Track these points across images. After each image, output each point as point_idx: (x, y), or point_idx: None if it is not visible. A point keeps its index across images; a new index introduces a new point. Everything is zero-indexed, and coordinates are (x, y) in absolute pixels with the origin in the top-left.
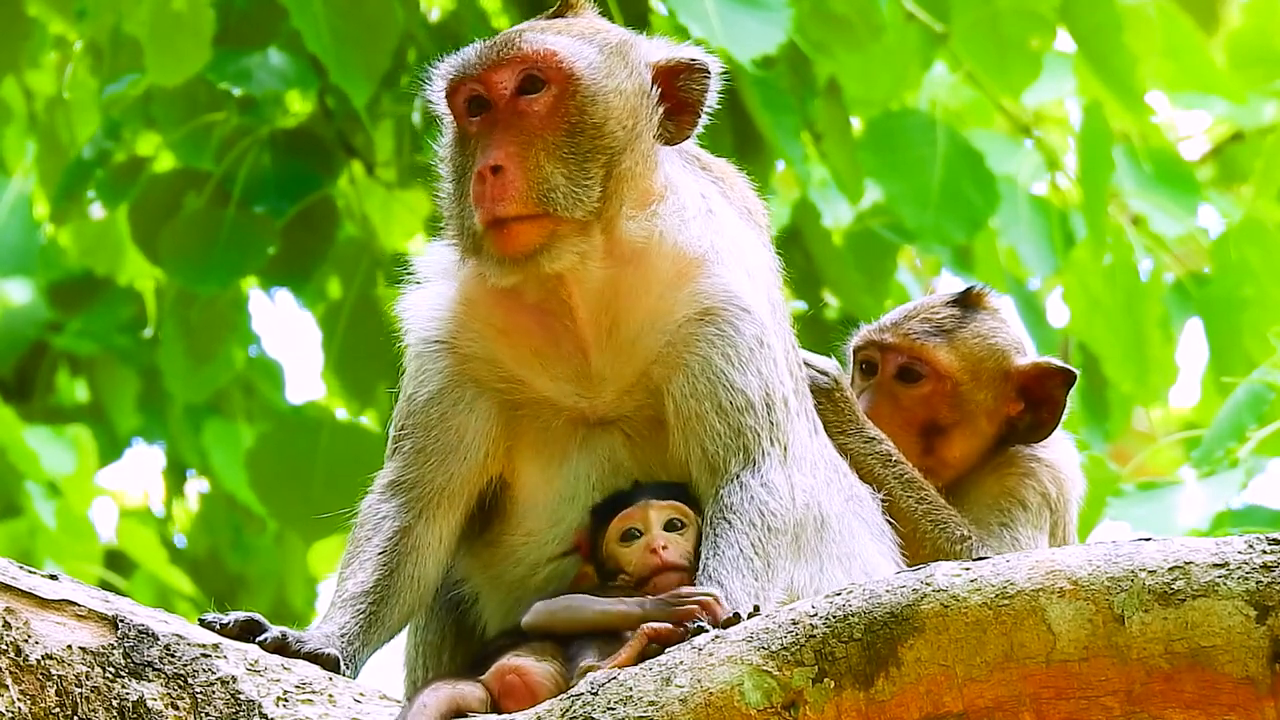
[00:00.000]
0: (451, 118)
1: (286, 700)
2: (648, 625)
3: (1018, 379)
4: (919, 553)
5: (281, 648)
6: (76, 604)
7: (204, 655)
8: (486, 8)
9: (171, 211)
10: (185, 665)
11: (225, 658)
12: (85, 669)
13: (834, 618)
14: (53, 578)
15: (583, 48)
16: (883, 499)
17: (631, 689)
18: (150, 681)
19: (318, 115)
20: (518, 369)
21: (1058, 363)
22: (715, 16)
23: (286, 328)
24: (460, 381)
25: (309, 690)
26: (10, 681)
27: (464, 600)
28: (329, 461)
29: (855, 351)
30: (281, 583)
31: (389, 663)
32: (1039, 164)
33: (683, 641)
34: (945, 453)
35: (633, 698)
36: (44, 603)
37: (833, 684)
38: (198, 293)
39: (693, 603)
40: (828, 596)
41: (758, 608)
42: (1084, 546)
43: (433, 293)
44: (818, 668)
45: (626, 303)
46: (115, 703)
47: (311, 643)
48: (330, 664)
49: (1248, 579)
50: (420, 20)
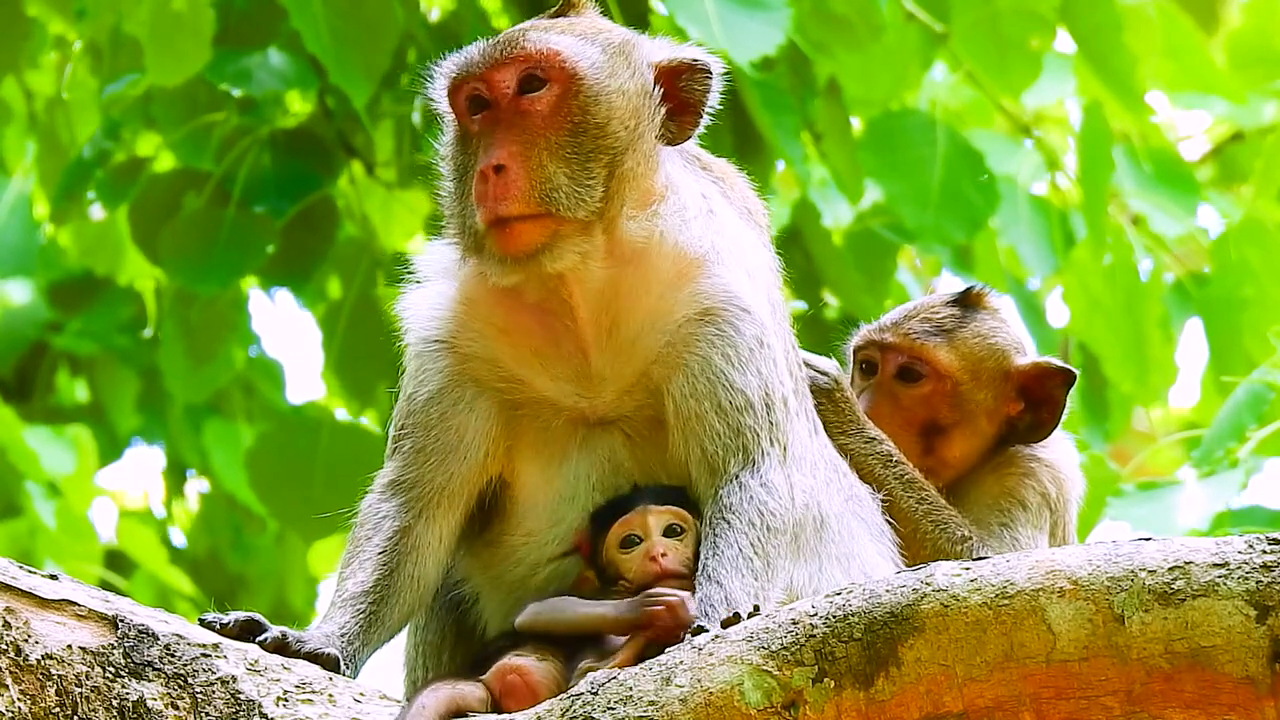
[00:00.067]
0: (453, 116)
1: (286, 700)
2: (641, 633)
3: (1018, 379)
4: (919, 553)
5: (281, 647)
6: (76, 604)
7: (204, 655)
8: (486, 8)
9: (171, 211)
10: (185, 665)
11: (225, 657)
12: (85, 669)
13: (834, 617)
14: (53, 578)
15: (586, 47)
16: (883, 499)
17: (631, 689)
18: (150, 681)
19: (318, 115)
20: (518, 369)
21: (1057, 362)
22: (715, 18)
23: (286, 328)
24: (460, 381)
25: (309, 690)
26: (10, 681)
27: (464, 600)
28: (329, 461)
29: (855, 351)
30: (281, 583)
31: (389, 663)
32: (1039, 164)
33: (679, 642)
34: (945, 453)
35: (633, 697)
36: (44, 603)
37: (833, 684)
38: (198, 293)
39: (660, 603)
40: (828, 596)
41: (758, 607)
42: (1084, 546)
43: (433, 292)
44: (818, 667)
45: (627, 303)
46: (115, 702)
47: (311, 642)
48: (330, 664)
49: (1248, 579)
50: (420, 20)
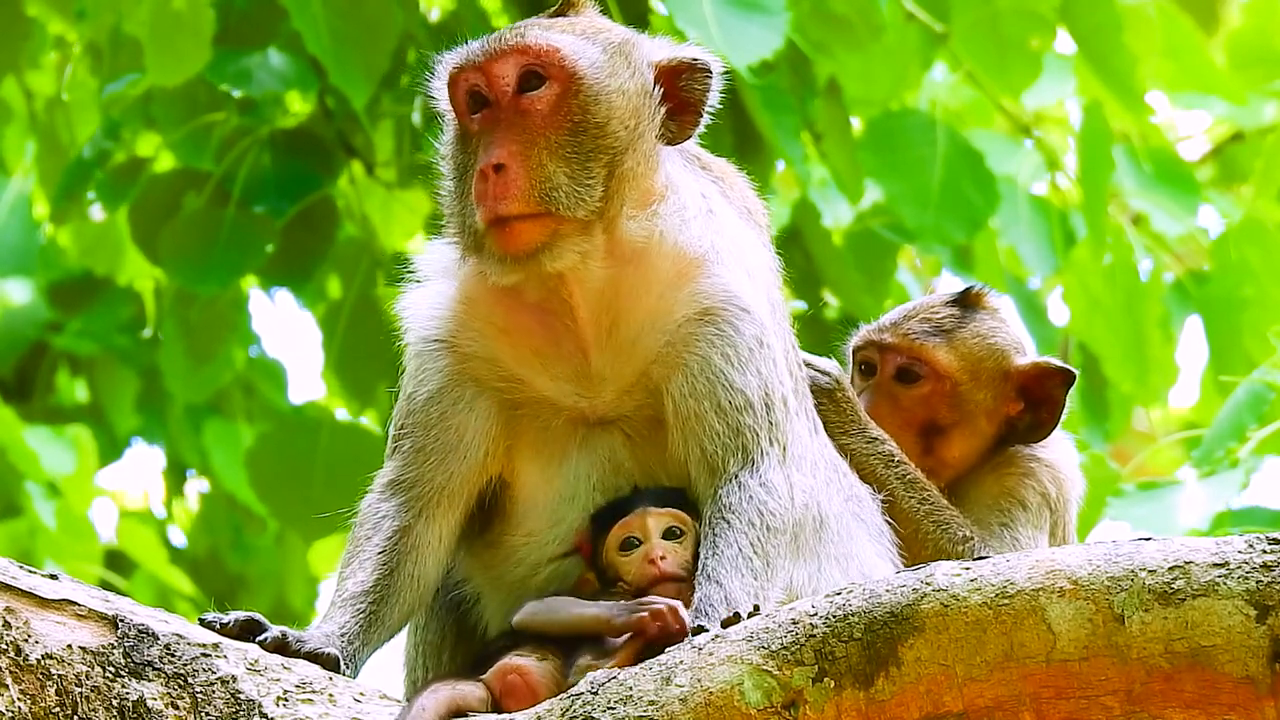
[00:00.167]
0: (453, 116)
1: (286, 700)
2: (638, 635)
3: (1017, 379)
4: (921, 554)
5: (281, 647)
6: (76, 604)
7: (204, 655)
8: (486, 8)
9: (171, 211)
10: (185, 665)
11: (225, 657)
12: (85, 668)
13: (834, 617)
14: (53, 577)
15: (586, 46)
16: (885, 500)
17: (631, 688)
18: (150, 681)
19: (318, 115)
20: (518, 368)
21: (1057, 362)
22: (713, 22)
23: (286, 328)
24: (460, 381)
25: (309, 690)
26: (10, 681)
27: (465, 600)
28: (329, 461)
29: (854, 352)
30: (281, 583)
31: (389, 662)
32: (1039, 164)
33: (676, 642)
34: (945, 453)
35: (633, 697)
36: (44, 602)
37: (833, 683)
38: (198, 293)
39: (650, 611)
40: (828, 596)
41: (758, 607)
42: (1084, 546)
43: (433, 291)
44: (818, 667)
45: (627, 302)
46: (115, 702)
47: (311, 642)
48: (330, 663)
49: (1248, 578)
50: (420, 20)
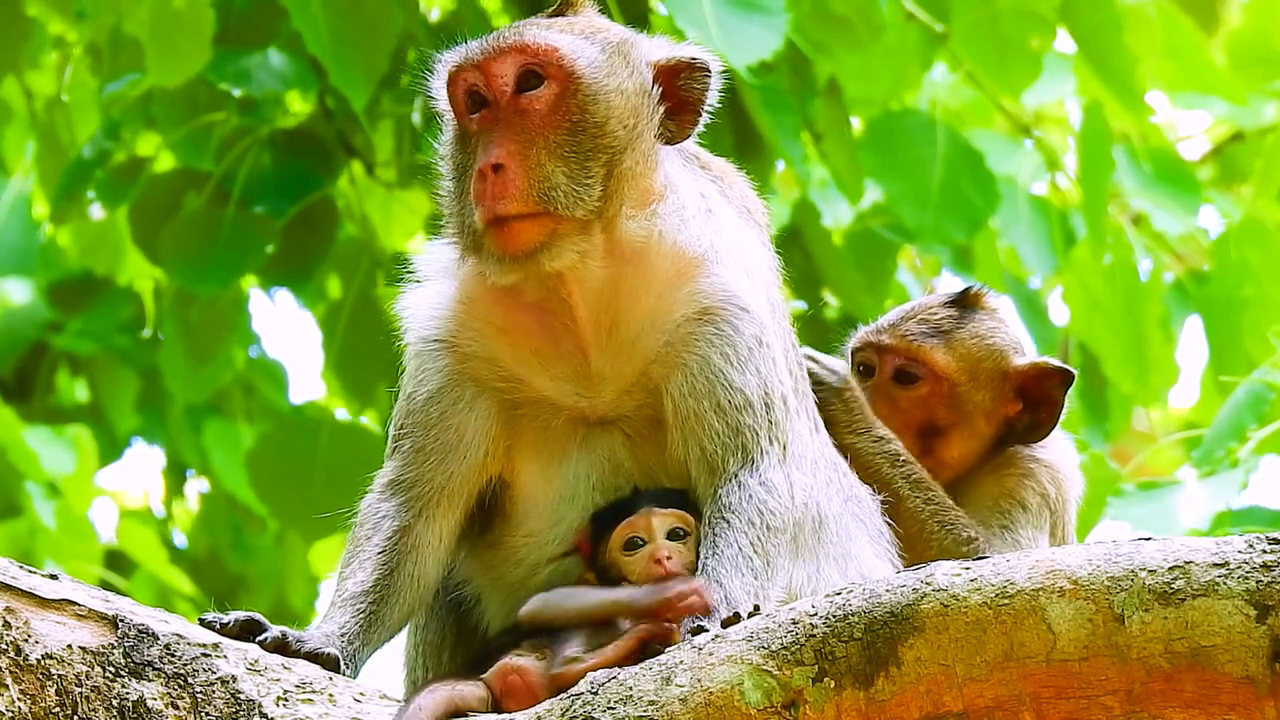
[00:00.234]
0: (452, 116)
1: (286, 700)
2: (643, 626)
3: (1015, 379)
4: (925, 553)
5: (281, 647)
6: (76, 604)
7: (204, 655)
8: (486, 8)
9: (171, 211)
10: (185, 665)
11: (225, 657)
12: (85, 668)
13: (834, 617)
14: (53, 577)
15: (584, 46)
16: (890, 499)
17: (631, 688)
18: (150, 681)
19: (318, 115)
20: (517, 368)
21: (1055, 362)
22: (713, 21)
23: (286, 328)
24: (460, 380)
25: (309, 690)
26: (10, 681)
27: (465, 601)
28: (329, 461)
29: (852, 353)
30: (281, 583)
31: (389, 662)
32: (1039, 164)
33: (670, 642)
34: (944, 454)
35: (633, 697)
36: (44, 602)
37: (833, 683)
38: (198, 293)
39: (677, 591)
40: (828, 596)
41: (758, 607)
42: (1084, 546)
43: (433, 291)
44: (818, 667)
45: (626, 302)
46: (115, 702)
47: (311, 642)
48: (330, 663)
49: (1248, 578)
50: (420, 20)
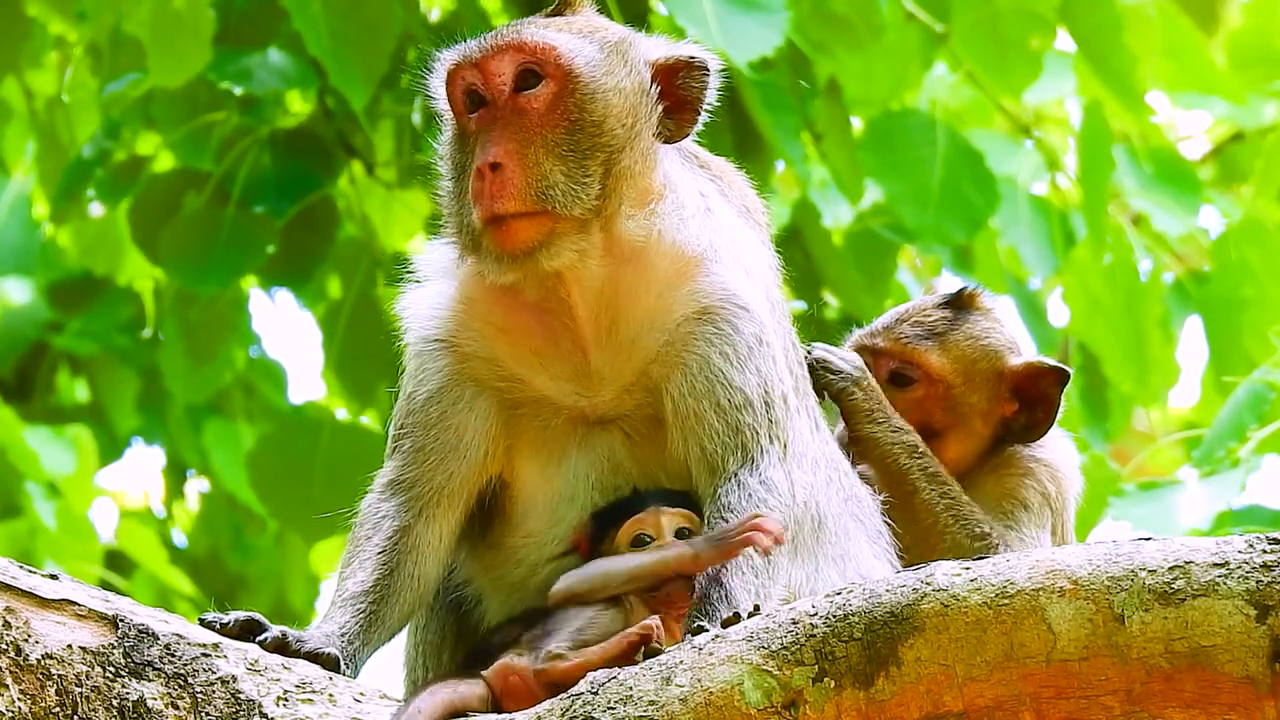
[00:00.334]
0: (451, 114)
1: (287, 700)
2: (641, 625)
3: (1011, 379)
4: (939, 546)
5: (281, 647)
6: (76, 604)
7: (204, 655)
8: (486, 8)
9: (171, 211)
10: (185, 665)
11: (225, 657)
12: (85, 668)
13: (834, 617)
14: (53, 577)
15: (582, 44)
16: (906, 490)
17: (632, 688)
18: (150, 681)
19: (318, 115)
20: (517, 368)
21: (1051, 362)
22: (713, 19)
23: (286, 328)
24: (460, 380)
25: (309, 690)
26: (10, 681)
27: (466, 601)
28: (329, 461)
29: None
30: (282, 583)
31: (389, 662)
32: (1039, 164)
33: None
34: (941, 455)
35: (633, 697)
36: (44, 602)
37: (833, 683)
38: (198, 293)
39: (744, 534)
40: (828, 596)
41: (758, 607)
42: (1084, 546)
43: (432, 291)
44: (818, 667)
45: (626, 301)
46: (115, 702)
47: (311, 642)
48: (330, 663)
49: (1248, 578)
50: (420, 20)
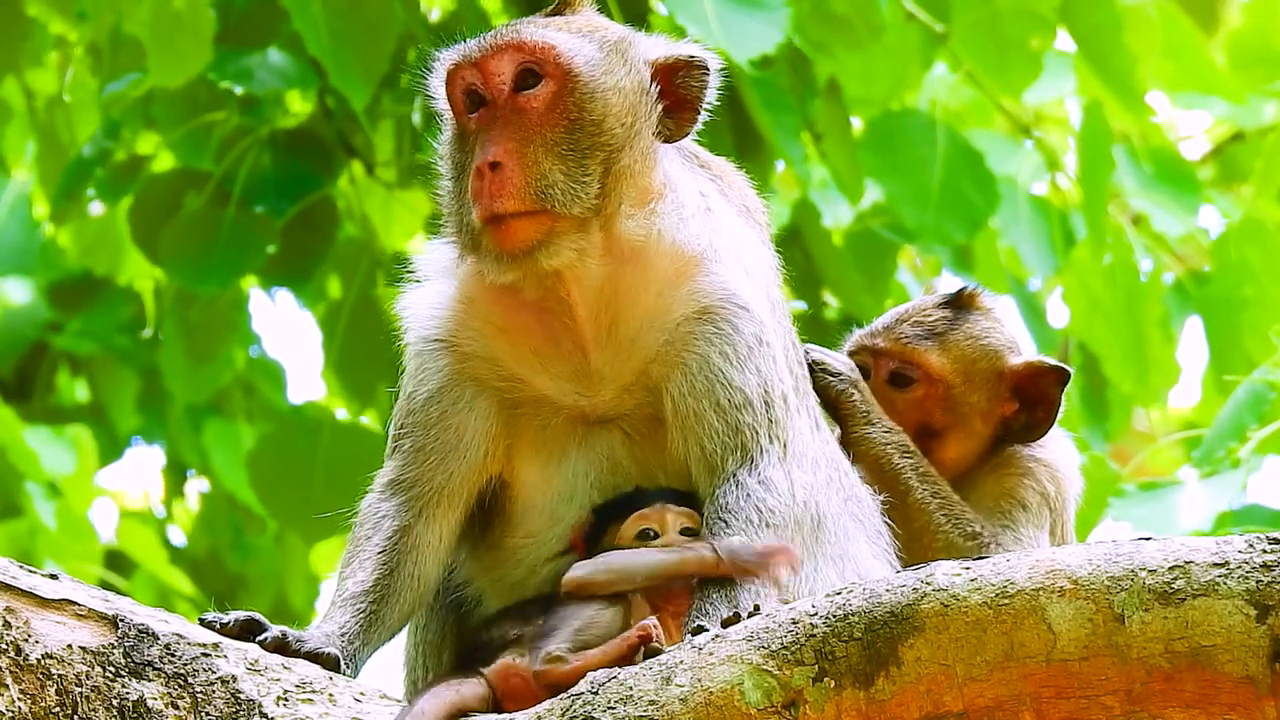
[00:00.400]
0: (451, 114)
1: (287, 699)
2: (639, 626)
3: (1011, 379)
4: (932, 546)
5: (282, 647)
6: (76, 603)
7: (204, 654)
8: (486, 8)
9: (171, 211)
10: (185, 664)
11: (225, 657)
12: (85, 668)
13: (834, 617)
14: (53, 577)
15: (582, 44)
16: (899, 490)
17: (632, 688)
18: (150, 681)
19: (318, 115)
20: (517, 367)
21: (1051, 361)
22: (714, 17)
23: (286, 328)
24: (460, 380)
25: (309, 689)
26: (10, 681)
27: (466, 602)
28: (329, 461)
29: (848, 356)
30: (282, 583)
31: (389, 662)
32: (1039, 164)
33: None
34: (941, 455)
35: (633, 697)
36: (44, 602)
37: (833, 683)
38: (198, 293)
39: (767, 561)
40: (828, 595)
41: (758, 607)
42: (1084, 546)
43: (432, 291)
44: (818, 667)
45: (626, 301)
46: (115, 702)
47: (311, 642)
48: (330, 663)
49: (1248, 578)
50: (420, 20)
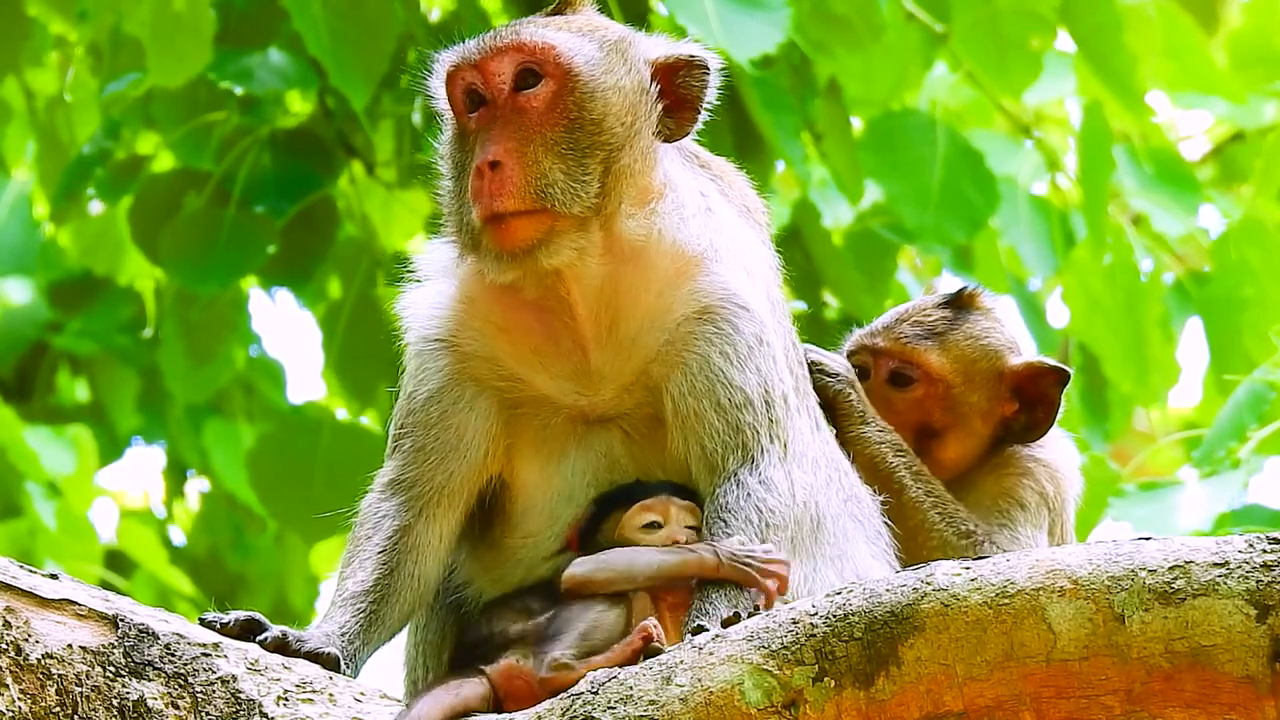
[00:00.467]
0: (451, 114)
1: (287, 699)
2: (641, 629)
3: (1011, 379)
4: (927, 543)
5: (282, 647)
6: (77, 603)
7: (204, 654)
8: (487, 8)
9: (171, 211)
10: (185, 664)
11: (226, 657)
12: (85, 668)
13: (834, 617)
14: (53, 577)
15: (582, 43)
16: (894, 488)
17: (632, 688)
18: (150, 681)
19: (318, 115)
20: (517, 367)
21: (1051, 362)
22: (714, 17)
23: (286, 328)
24: (460, 380)
25: (309, 689)
26: (10, 681)
27: (466, 602)
28: (329, 461)
29: (848, 356)
30: (282, 583)
31: (389, 662)
32: (1039, 164)
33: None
34: (940, 455)
35: (633, 697)
36: (44, 602)
37: (833, 683)
38: (198, 293)
39: (767, 573)
40: (828, 595)
41: (758, 606)
42: (1084, 545)
43: (433, 291)
44: (818, 667)
45: (626, 300)
46: (115, 702)
47: (312, 642)
48: (330, 663)
49: (1248, 578)
50: (420, 20)
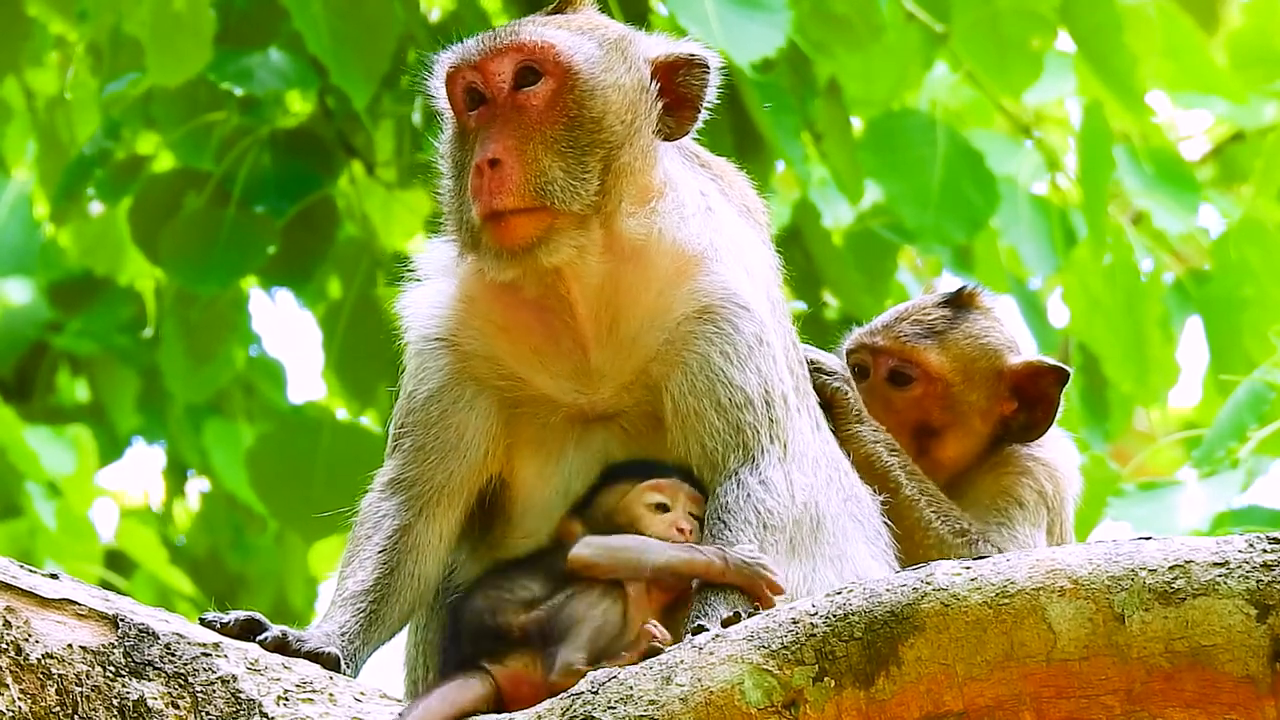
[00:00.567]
0: (451, 113)
1: (287, 699)
2: (646, 633)
3: (1010, 378)
4: (923, 542)
5: (282, 646)
6: (77, 603)
7: (204, 654)
8: (487, 7)
9: (171, 211)
10: (186, 664)
11: (226, 657)
12: (86, 668)
13: (834, 616)
14: (53, 577)
15: (581, 42)
16: (890, 485)
17: (632, 688)
18: (151, 680)
19: (318, 115)
20: (517, 366)
21: (1050, 361)
22: (715, 19)
23: (286, 328)
24: (460, 379)
25: (310, 689)
26: (11, 681)
27: None
28: (329, 461)
29: (847, 355)
30: (282, 582)
31: (389, 662)
32: (1039, 164)
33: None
34: (939, 454)
35: (633, 696)
36: (44, 602)
37: (833, 683)
38: (198, 293)
39: (766, 583)
40: (828, 595)
41: (758, 606)
42: (1084, 545)
43: (433, 290)
44: (818, 666)
45: (626, 299)
46: (115, 702)
47: (312, 641)
48: (331, 663)
49: (1248, 578)
50: (420, 20)
